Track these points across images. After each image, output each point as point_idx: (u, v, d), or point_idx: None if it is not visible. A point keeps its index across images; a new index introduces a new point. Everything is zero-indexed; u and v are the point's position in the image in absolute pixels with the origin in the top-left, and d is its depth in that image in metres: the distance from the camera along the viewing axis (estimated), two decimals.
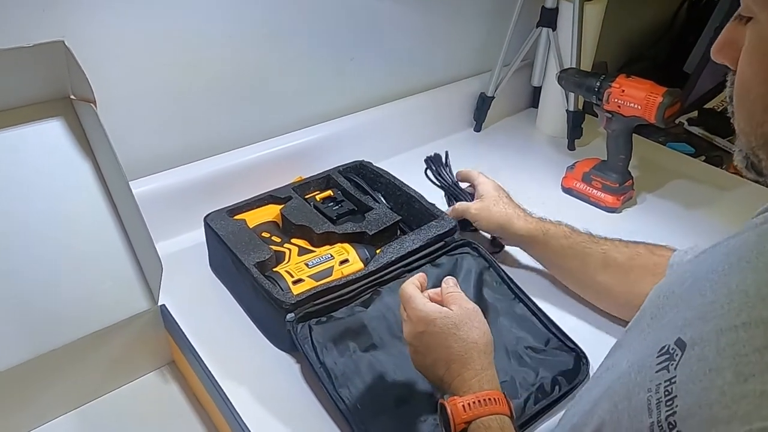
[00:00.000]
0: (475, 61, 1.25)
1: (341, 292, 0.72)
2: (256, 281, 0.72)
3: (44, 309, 0.61)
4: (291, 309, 0.69)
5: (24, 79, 0.61)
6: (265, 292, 0.70)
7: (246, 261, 0.74)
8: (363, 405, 0.63)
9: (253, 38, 0.90)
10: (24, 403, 0.63)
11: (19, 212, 0.62)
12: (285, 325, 0.68)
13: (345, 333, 0.70)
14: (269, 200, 0.87)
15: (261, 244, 0.78)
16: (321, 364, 0.66)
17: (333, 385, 0.64)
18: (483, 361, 0.55)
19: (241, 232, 0.79)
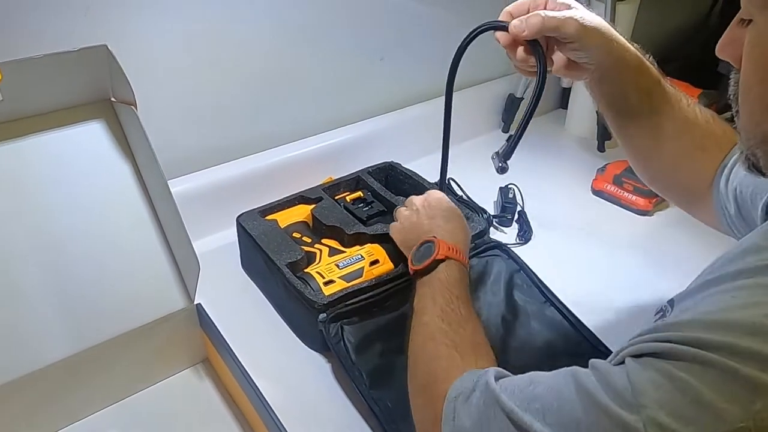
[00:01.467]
0: (504, 62, 1.23)
1: (372, 293, 0.73)
2: (288, 281, 0.72)
3: (86, 306, 0.63)
4: (323, 309, 0.69)
5: (68, 82, 0.62)
6: (297, 293, 0.71)
7: (278, 261, 0.75)
8: (395, 406, 0.64)
9: (286, 41, 0.91)
10: (66, 397, 0.64)
11: (62, 212, 0.63)
12: (317, 325, 0.69)
13: (376, 333, 0.70)
14: (300, 201, 0.88)
15: (293, 245, 0.78)
16: (353, 364, 0.67)
17: (365, 385, 0.65)
18: (465, 240, 0.70)
19: (273, 232, 0.80)
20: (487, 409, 0.44)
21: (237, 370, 0.66)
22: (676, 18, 1.47)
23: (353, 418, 0.66)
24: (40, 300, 0.61)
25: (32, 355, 0.60)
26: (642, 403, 0.33)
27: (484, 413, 0.44)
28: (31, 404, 0.62)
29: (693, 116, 0.66)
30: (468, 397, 0.47)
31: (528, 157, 1.17)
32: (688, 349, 0.33)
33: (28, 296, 0.60)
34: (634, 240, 0.94)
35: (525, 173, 1.06)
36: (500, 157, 0.69)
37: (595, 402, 0.36)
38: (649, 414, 0.33)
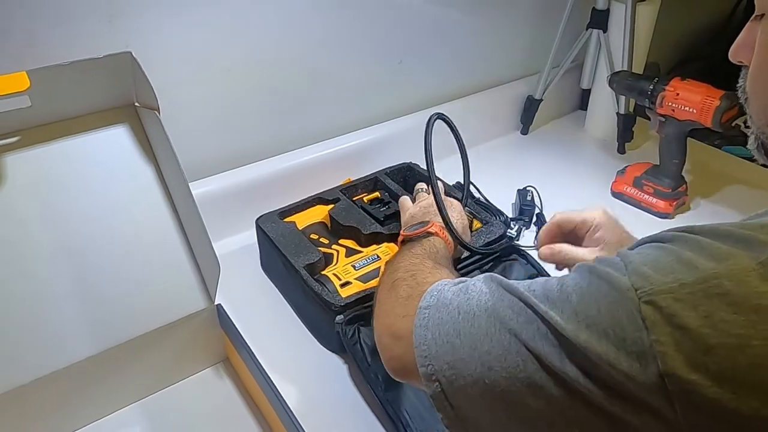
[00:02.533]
0: (523, 64, 1.24)
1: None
2: (305, 283, 0.73)
3: (109, 307, 0.64)
4: (340, 311, 0.70)
5: (93, 88, 0.64)
6: (314, 294, 0.72)
7: (296, 263, 0.76)
8: (410, 409, 0.64)
9: (306, 44, 0.92)
10: (90, 395, 0.66)
11: (87, 214, 0.65)
12: (334, 327, 0.70)
13: None
14: (318, 202, 0.89)
15: (310, 247, 0.79)
16: (369, 366, 0.67)
17: (381, 388, 0.65)
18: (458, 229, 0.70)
19: (292, 234, 0.81)
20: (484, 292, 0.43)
21: (256, 370, 0.67)
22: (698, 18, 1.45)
23: (369, 420, 0.67)
24: (65, 300, 0.63)
25: (57, 353, 0.61)
26: (628, 262, 0.35)
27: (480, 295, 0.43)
28: (55, 401, 0.63)
29: None
30: (448, 289, 0.46)
31: (547, 159, 1.17)
32: (678, 233, 0.36)
33: (53, 296, 0.62)
34: None
35: (543, 175, 1.06)
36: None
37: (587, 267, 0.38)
38: (634, 267, 0.34)
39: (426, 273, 0.56)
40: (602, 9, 1.09)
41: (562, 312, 0.36)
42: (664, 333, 0.31)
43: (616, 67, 1.11)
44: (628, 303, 0.33)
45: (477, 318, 0.41)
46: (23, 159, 0.63)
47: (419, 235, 0.67)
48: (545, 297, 0.38)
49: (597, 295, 0.35)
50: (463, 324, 0.42)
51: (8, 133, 0.63)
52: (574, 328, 0.34)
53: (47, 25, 0.70)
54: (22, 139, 0.64)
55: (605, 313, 0.34)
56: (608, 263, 0.37)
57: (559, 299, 0.37)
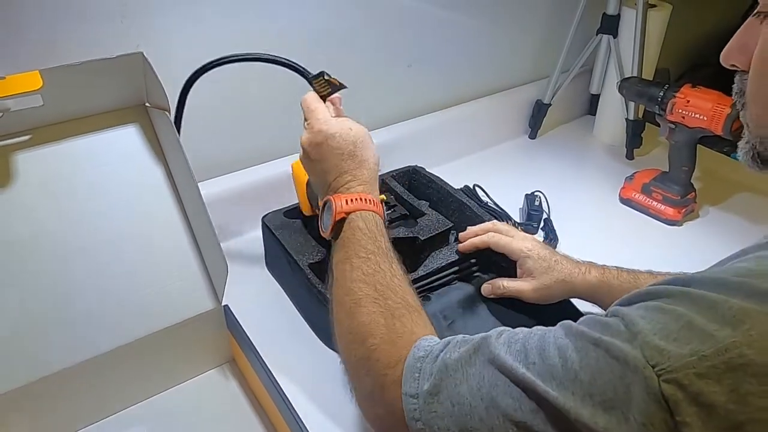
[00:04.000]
0: (533, 68, 1.24)
1: None
2: (309, 282, 0.73)
3: (117, 306, 0.65)
4: None
5: (105, 88, 0.65)
6: (318, 293, 0.72)
7: (300, 261, 0.76)
8: None
9: (315, 47, 0.92)
10: (97, 393, 0.66)
11: (97, 212, 0.65)
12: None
13: None
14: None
15: (315, 246, 0.79)
16: None
17: None
18: (370, 178, 0.63)
19: (297, 233, 0.82)
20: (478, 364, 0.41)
21: (262, 371, 0.67)
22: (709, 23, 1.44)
23: None
24: (74, 299, 0.63)
25: (65, 352, 0.62)
26: (635, 332, 0.33)
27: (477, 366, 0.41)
28: (62, 399, 0.64)
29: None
30: (436, 356, 0.44)
31: (555, 164, 1.17)
32: (676, 288, 0.34)
33: (62, 295, 0.62)
34: (663, 250, 0.92)
35: (551, 180, 1.05)
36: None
37: (587, 338, 0.35)
38: (645, 339, 0.32)
39: (394, 288, 0.53)
40: (613, 14, 1.09)
41: (573, 394, 0.34)
42: (689, 413, 0.29)
43: (626, 73, 1.10)
44: (646, 382, 0.31)
45: (475, 410, 0.39)
46: (35, 157, 0.64)
47: (335, 230, 0.59)
48: (549, 374, 0.36)
49: (609, 375, 0.33)
50: (461, 416, 0.40)
51: (20, 131, 0.63)
52: (591, 414, 0.33)
53: (59, 25, 0.71)
54: (34, 137, 0.64)
55: (622, 394, 0.32)
56: (610, 330, 0.35)
57: (567, 378, 0.35)
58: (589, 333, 0.36)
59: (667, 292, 0.35)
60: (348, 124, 0.64)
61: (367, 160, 0.63)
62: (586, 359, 0.34)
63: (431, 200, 0.90)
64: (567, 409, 0.34)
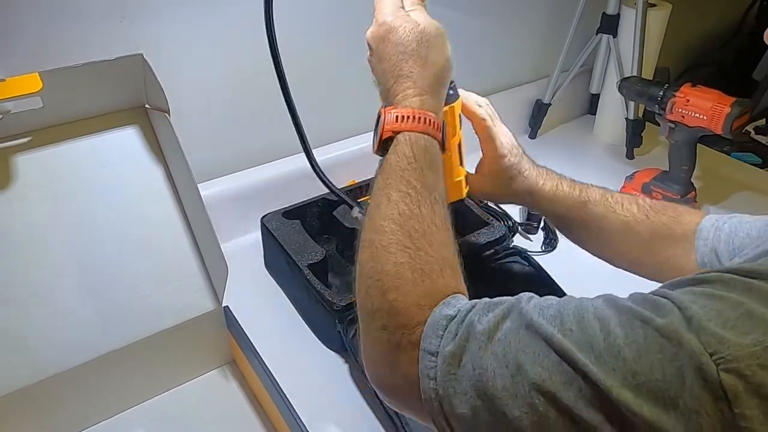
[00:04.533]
0: (532, 68, 1.23)
1: None
2: (308, 282, 0.73)
3: (117, 308, 0.65)
4: (342, 311, 0.70)
5: (105, 90, 0.65)
6: (316, 293, 0.72)
7: (299, 262, 0.76)
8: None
9: (315, 46, 0.92)
10: (97, 395, 0.66)
11: (97, 214, 0.65)
12: (335, 326, 0.70)
13: None
14: (322, 203, 0.89)
15: (314, 246, 0.79)
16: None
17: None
18: (434, 85, 0.53)
19: (296, 233, 0.81)
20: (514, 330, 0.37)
21: (262, 372, 0.67)
22: (709, 23, 1.44)
23: (368, 419, 0.67)
24: (74, 301, 0.63)
25: (65, 354, 0.62)
26: (689, 315, 0.30)
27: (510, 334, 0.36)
28: (62, 401, 0.64)
29: (632, 217, 0.64)
30: (464, 317, 0.39)
31: (555, 164, 1.16)
32: (728, 275, 0.32)
33: (61, 297, 0.62)
34: None
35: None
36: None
37: (634, 313, 0.33)
38: (701, 324, 0.30)
39: (431, 238, 0.45)
40: (613, 14, 1.09)
41: (614, 371, 0.31)
42: (750, 406, 0.28)
43: (625, 72, 1.10)
44: (703, 369, 0.29)
45: (498, 377, 0.35)
46: (35, 159, 0.64)
47: (381, 148, 0.53)
48: (588, 345, 0.32)
49: (658, 355, 0.30)
50: (481, 382, 0.36)
51: (20, 133, 0.63)
52: (634, 396, 0.30)
53: (58, 27, 0.71)
54: (34, 139, 0.64)
55: (672, 377, 0.29)
56: (661, 310, 0.32)
57: (608, 353, 0.32)
58: (636, 309, 0.33)
59: (719, 278, 0.32)
60: (418, 18, 0.55)
61: (434, 63, 0.54)
62: (633, 335, 0.31)
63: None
64: (607, 387, 0.30)
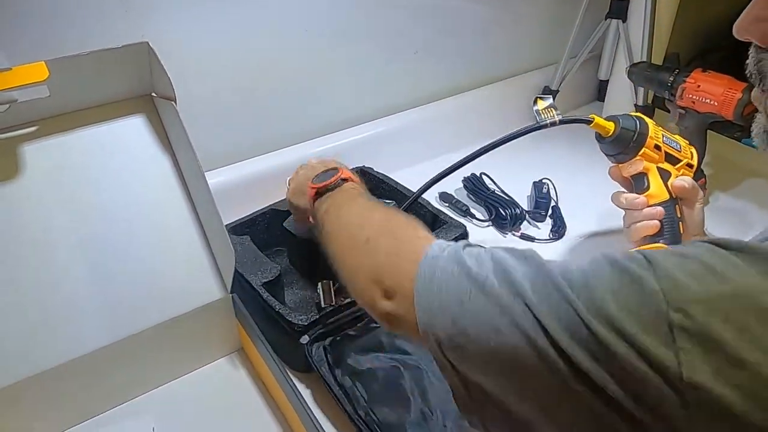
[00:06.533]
0: (540, 54, 1.22)
1: (354, 308, 0.70)
2: (266, 302, 0.69)
3: (126, 296, 0.65)
4: (304, 331, 0.67)
5: (111, 78, 0.64)
6: (275, 314, 0.67)
7: (253, 281, 0.71)
8: (382, 423, 0.61)
9: (318, 33, 0.92)
10: (107, 382, 0.67)
11: (105, 203, 0.66)
12: (298, 347, 0.66)
13: (362, 350, 0.68)
14: (271, 214, 0.84)
15: (268, 262, 0.74)
16: (339, 385, 0.64)
17: (353, 406, 0.62)
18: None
19: (246, 250, 0.76)
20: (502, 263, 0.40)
21: (270, 359, 0.67)
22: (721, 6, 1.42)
23: None
24: (83, 289, 0.63)
25: (75, 341, 0.62)
26: (655, 263, 0.34)
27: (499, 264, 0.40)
28: (73, 388, 0.64)
29: None
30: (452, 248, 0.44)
31: (563, 151, 1.16)
32: (711, 246, 0.34)
33: (71, 285, 0.63)
34: None
35: (559, 167, 1.05)
36: None
37: (606, 258, 0.36)
38: (664, 270, 0.33)
39: (402, 228, 0.52)
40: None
41: (591, 302, 0.34)
42: (692, 342, 0.30)
43: (635, 58, 1.09)
44: (656, 307, 0.31)
45: (488, 281, 0.39)
46: (42, 148, 0.64)
47: (334, 183, 0.63)
48: (569, 280, 0.36)
49: (623, 296, 0.33)
50: (471, 287, 0.40)
51: (27, 122, 0.63)
52: (596, 323, 0.33)
53: (64, 15, 0.71)
54: (41, 128, 0.64)
55: (628, 313, 0.32)
56: (634, 261, 0.35)
57: (585, 287, 0.35)
58: (608, 255, 0.36)
59: (700, 246, 0.35)
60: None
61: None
62: (612, 281, 0.34)
63: (384, 199, 0.86)
64: (579, 313, 0.34)
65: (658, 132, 0.72)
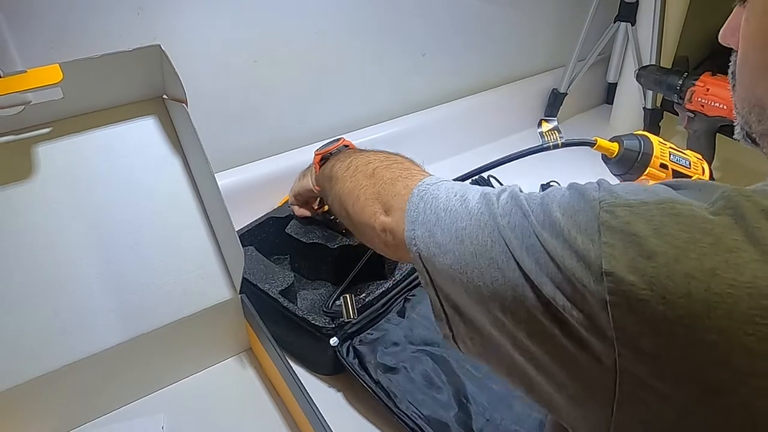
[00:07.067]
0: (549, 57, 1.22)
1: (375, 307, 0.72)
2: (287, 310, 0.69)
3: (137, 296, 0.66)
4: (332, 333, 0.68)
5: (123, 80, 0.65)
6: (299, 320, 0.69)
7: (270, 291, 0.71)
8: (426, 416, 0.63)
9: (329, 36, 0.93)
10: (118, 381, 0.68)
11: (116, 203, 0.66)
12: (326, 351, 0.68)
13: (388, 345, 0.69)
14: (271, 221, 0.84)
15: (280, 270, 0.75)
16: (376, 383, 0.66)
17: (393, 402, 0.64)
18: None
19: (254, 261, 0.76)
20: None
21: (278, 359, 0.68)
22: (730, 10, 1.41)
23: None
24: (94, 289, 0.64)
25: (86, 341, 0.63)
26: (601, 185, 0.37)
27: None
28: (83, 387, 0.65)
29: None
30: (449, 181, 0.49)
31: (571, 154, 1.16)
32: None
33: (82, 285, 0.64)
34: None
35: (567, 170, 1.04)
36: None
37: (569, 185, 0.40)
38: (606, 187, 0.36)
39: (406, 162, 0.58)
40: (631, 1, 1.07)
41: (542, 214, 0.38)
42: (614, 237, 0.33)
43: (644, 61, 1.09)
44: (591, 210, 0.35)
45: (468, 198, 0.44)
46: (55, 149, 0.65)
47: (338, 149, 0.71)
48: (530, 200, 0.40)
49: (567, 204, 0.37)
50: (453, 202, 0.45)
51: (41, 124, 0.64)
52: (541, 230, 0.37)
53: (78, 19, 0.72)
54: (55, 129, 0.65)
55: (568, 217, 0.36)
56: (588, 184, 0.39)
57: (540, 203, 0.39)
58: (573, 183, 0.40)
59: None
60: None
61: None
62: (565, 196, 0.38)
63: None
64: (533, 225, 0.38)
65: (665, 150, 0.72)
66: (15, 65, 0.68)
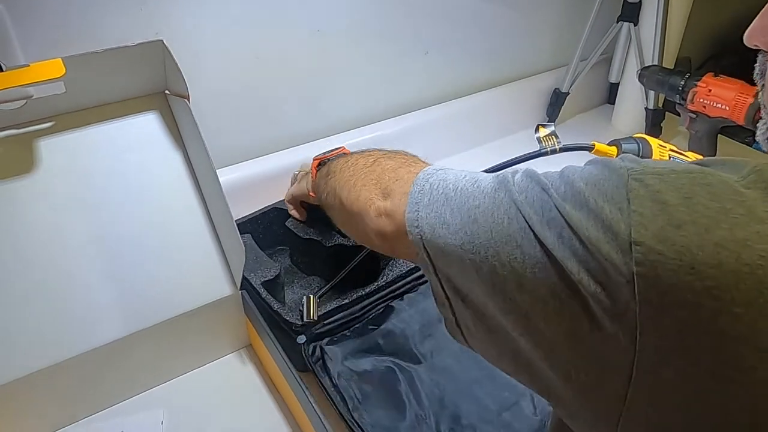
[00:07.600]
0: (551, 56, 1.22)
1: (352, 310, 0.71)
2: (264, 301, 0.69)
3: (137, 291, 0.66)
4: (301, 331, 0.67)
5: (126, 75, 0.65)
6: (273, 313, 0.69)
7: (253, 280, 0.72)
8: (379, 427, 0.61)
9: (331, 34, 0.92)
10: (117, 376, 0.68)
11: (118, 198, 0.67)
12: (296, 346, 0.67)
13: (358, 351, 0.69)
14: (275, 212, 0.84)
15: (268, 261, 0.75)
16: (334, 386, 0.65)
17: (347, 408, 0.63)
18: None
19: (246, 249, 0.73)
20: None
21: (277, 355, 0.68)
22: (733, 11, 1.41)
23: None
24: (95, 283, 0.64)
25: (86, 336, 0.63)
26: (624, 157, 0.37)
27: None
28: (83, 382, 0.65)
29: None
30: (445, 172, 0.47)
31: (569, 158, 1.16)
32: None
33: (83, 280, 0.64)
34: None
35: None
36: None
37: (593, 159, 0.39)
38: (630, 158, 0.36)
39: (408, 155, 0.57)
40: (634, 1, 1.07)
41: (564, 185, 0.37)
42: (644, 206, 0.32)
43: (646, 61, 1.09)
44: (618, 179, 0.34)
45: (480, 179, 0.43)
46: (57, 144, 0.65)
47: (336, 156, 0.69)
48: (548, 176, 0.39)
49: (591, 175, 0.36)
50: (463, 183, 0.43)
51: (43, 118, 0.64)
52: (563, 202, 0.35)
53: (80, 13, 0.72)
54: (57, 124, 0.65)
55: (592, 186, 0.35)
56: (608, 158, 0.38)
57: (560, 177, 0.38)
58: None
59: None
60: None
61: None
62: (586, 170, 0.37)
63: None
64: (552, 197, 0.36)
65: (665, 153, 0.72)
66: (17, 59, 0.68)
